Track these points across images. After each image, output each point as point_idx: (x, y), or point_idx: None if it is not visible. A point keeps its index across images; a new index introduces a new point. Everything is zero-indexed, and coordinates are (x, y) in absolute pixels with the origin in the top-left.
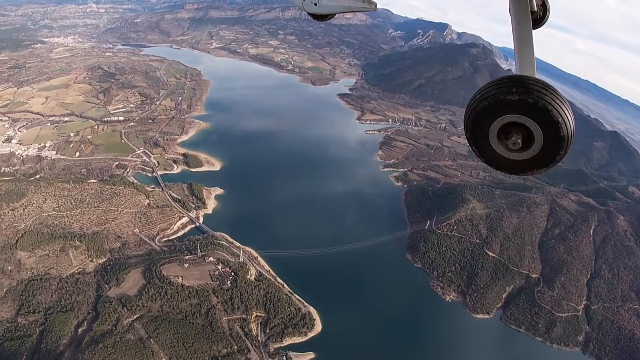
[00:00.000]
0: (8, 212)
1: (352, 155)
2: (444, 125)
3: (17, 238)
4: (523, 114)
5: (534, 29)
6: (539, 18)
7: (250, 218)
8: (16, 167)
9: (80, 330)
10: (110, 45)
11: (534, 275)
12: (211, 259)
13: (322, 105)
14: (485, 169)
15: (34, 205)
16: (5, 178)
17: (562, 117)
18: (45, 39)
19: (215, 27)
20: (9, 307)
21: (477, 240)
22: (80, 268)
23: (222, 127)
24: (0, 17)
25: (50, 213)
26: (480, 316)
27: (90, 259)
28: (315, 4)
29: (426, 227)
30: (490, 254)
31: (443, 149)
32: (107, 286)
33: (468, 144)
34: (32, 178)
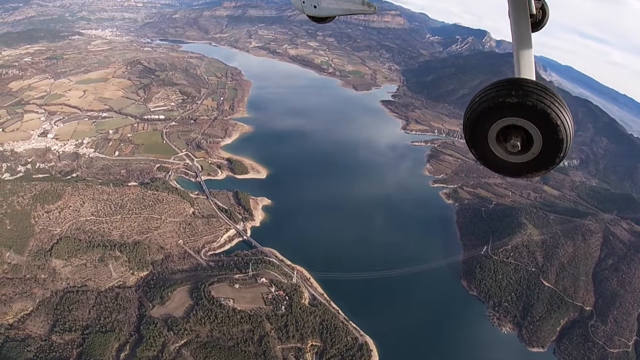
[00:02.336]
0: (43, 214)
1: (401, 168)
2: None
3: (51, 244)
4: (522, 117)
5: (533, 32)
6: (538, 21)
7: (299, 234)
8: (52, 164)
9: (122, 355)
10: (149, 40)
11: (588, 308)
12: (263, 279)
13: (367, 112)
14: (536, 189)
15: (70, 208)
16: (40, 175)
17: (560, 120)
18: (82, 31)
19: (254, 26)
20: (43, 322)
21: (533, 269)
22: (120, 281)
23: (267, 131)
24: (38, 7)
25: (88, 218)
26: (535, 350)
27: (131, 271)
28: (315, 7)
29: (482, 253)
30: (546, 283)
31: None
32: (150, 304)
33: (467, 147)
34: (69, 177)
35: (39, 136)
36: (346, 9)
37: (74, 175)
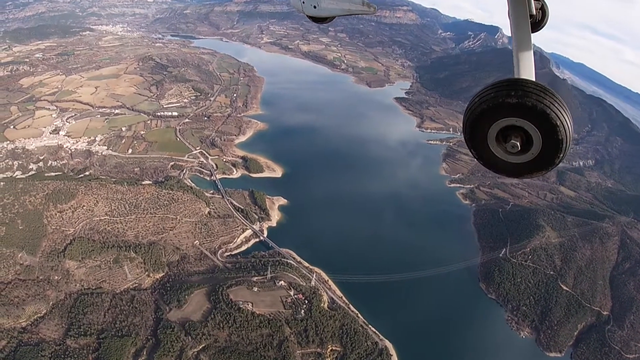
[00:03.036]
0: (56, 214)
1: (417, 167)
2: None
3: (65, 245)
4: (521, 117)
5: (532, 32)
6: (538, 22)
7: (316, 234)
8: (64, 162)
9: None
10: (160, 36)
11: (605, 313)
12: (282, 282)
13: (381, 109)
14: (552, 190)
15: (84, 208)
16: (52, 173)
17: (560, 120)
18: (93, 27)
19: (265, 22)
20: (57, 325)
21: (552, 272)
22: (135, 283)
23: (281, 129)
24: (48, 3)
25: (102, 218)
26: (552, 354)
27: (146, 273)
28: (315, 7)
29: (501, 255)
30: (564, 287)
31: None
32: (167, 307)
33: (467, 147)
34: (81, 175)
35: (50, 133)
36: (346, 9)
37: (87, 173)
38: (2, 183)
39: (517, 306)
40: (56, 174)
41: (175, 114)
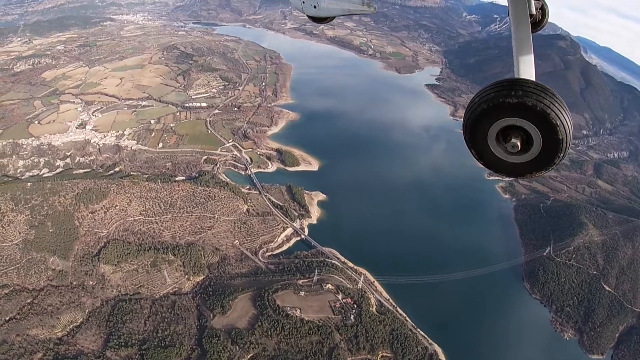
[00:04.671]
0: (87, 215)
1: (454, 158)
2: None
3: (98, 247)
4: (522, 117)
5: (533, 32)
6: (538, 21)
7: (357, 231)
8: (92, 158)
9: None
10: (182, 24)
11: None
12: (329, 285)
13: (413, 97)
14: (590, 184)
15: (117, 208)
16: (81, 170)
17: (560, 120)
18: (114, 17)
19: (288, 7)
20: (95, 336)
21: (594, 272)
22: (175, 287)
23: (314, 118)
24: None
25: (137, 218)
26: (595, 357)
27: (186, 276)
28: (315, 7)
29: (545, 254)
30: (607, 287)
31: None
32: (210, 314)
33: (467, 147)
34: (111, 172)
35: (76, 128)
36: (346, 9)
37: (117, 169)
38: (29, 184)
39: (561, 307)
40: (85, 170)
41: (204, 104)
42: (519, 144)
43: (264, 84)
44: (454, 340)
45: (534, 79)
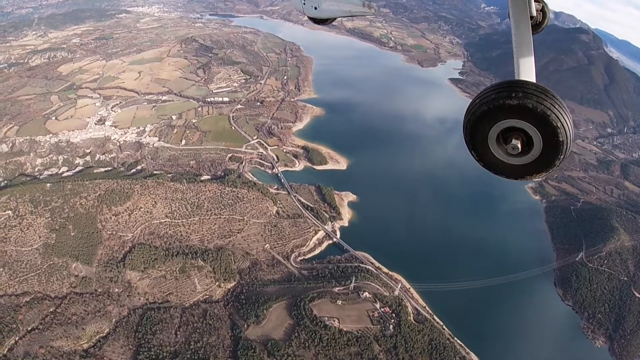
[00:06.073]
0: (110, 217)
1: None
2: None
3: (123, 252)
4: (522, 119)
5: (533, 34)
6: (538, 23)
7: (390, 235)
8: (112, 155)
9: None
10: (199, 15)
11: None
12: (366, 294)
13: (437, 91)
14: (618, 185)
15: (141, 209)
16: (102, 169)
17: (560, 122)
18: (129, 9)
19: None
20: (123, 347)
21: (625, 278)
22: (206, 295)
23: (339, 114)
24: None
25: (162, 221)
26: None
27: (217, 283)
28: (316, 8)
29: (577, 259)
30: (637, 294)
31: (573, 156)
32: (244, 324)
33: (467, 149)
34: (133, 170)
35: (95, 124)
36: (346, 10)
37: (139, 167)
38: (48, 184)
39: (592, 314)
40: (105, 169)
41: (226, 99)
42: (519, 145)
43: (285, 77)
44: (490, 349)
45: (534, 80)
